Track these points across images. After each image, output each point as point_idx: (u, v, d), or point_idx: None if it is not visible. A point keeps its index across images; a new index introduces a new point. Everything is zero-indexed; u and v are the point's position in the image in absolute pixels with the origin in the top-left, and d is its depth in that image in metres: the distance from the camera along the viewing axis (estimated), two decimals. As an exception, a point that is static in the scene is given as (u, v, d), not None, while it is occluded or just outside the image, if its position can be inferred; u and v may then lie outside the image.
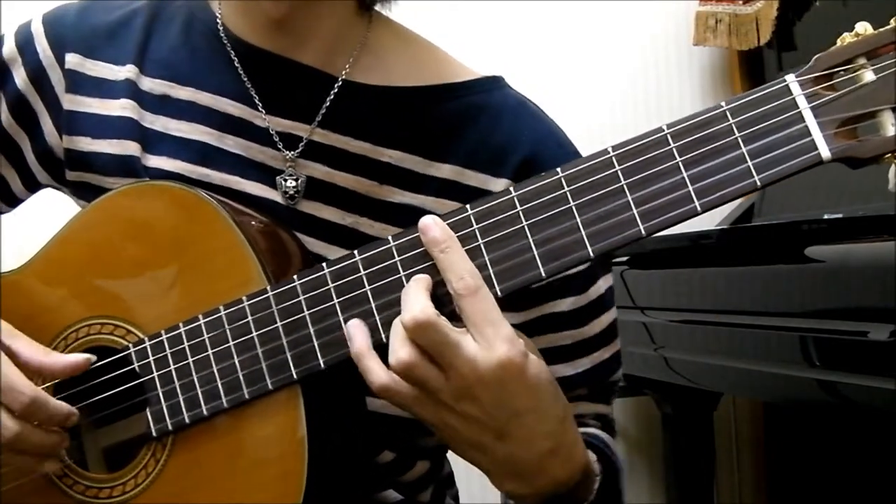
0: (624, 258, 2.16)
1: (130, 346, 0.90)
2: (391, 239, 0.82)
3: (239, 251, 0.87)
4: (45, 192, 1.10)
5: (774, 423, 2.64)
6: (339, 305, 0.83)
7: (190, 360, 0.87)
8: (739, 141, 0.76)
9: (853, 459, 2.27)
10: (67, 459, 0.91)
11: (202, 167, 0.97)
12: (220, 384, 0.86)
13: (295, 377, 0.84)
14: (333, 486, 0.89)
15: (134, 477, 0.90)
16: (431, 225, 0.80)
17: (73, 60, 1.01)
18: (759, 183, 0.75)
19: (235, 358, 0.86)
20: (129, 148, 0.99)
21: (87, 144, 1.00)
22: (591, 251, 0.78)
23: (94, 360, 0.90)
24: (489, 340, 0.76)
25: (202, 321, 0.87)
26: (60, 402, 0.88)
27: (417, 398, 0.79)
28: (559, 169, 0.79)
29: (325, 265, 0.84)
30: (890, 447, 2.06)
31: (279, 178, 0.96)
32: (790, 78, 0.76)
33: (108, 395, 0.91)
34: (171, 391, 0.88)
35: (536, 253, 0.79)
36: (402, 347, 0.77)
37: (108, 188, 0.96)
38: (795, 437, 2.53)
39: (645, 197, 0.77)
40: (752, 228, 2.13)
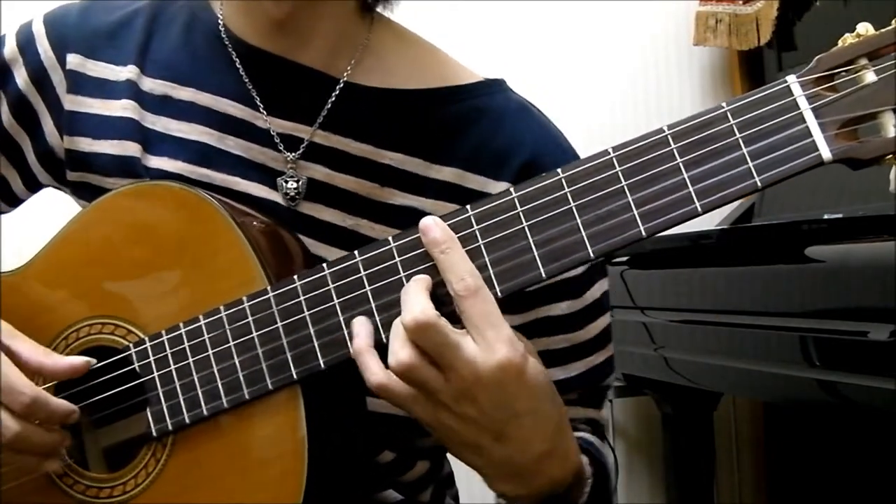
0: (624, 258, 2.16)
1: (131, 346, 0.90)
2: (391, 240, 0.82)
3: (239, 251, 0.87)
4: (45, 191, 1.10)
5: (774, 423, 2.64)
6: (339, 306, 0.83)
7: (190, 360, 0.87)
8: (740, 142, 0.76)
9: (853, 459, 2.26)
10: (68, 459, 0.91)
11: (203, 168, 0.97)
12: (220, 384, 0.86)
13: (295, 377, 0.84)
14: (333, 486, 0.89)
15: (134, 477, 0.90)
16: (432, 225, 0.80)
17: (74, 61, 1.01)
18: (759, 184, 0.75)
19: (236, 358, 0.85)
20: (129, 149, 0.99)
21: (87, 145, 1.00)
22: (591, 252, 0.78)
23: (93, 362, 0.90)
24: (489, 342, 0.76)
25: (203, 321, 0.87)
26: (61, 400, 0.88)
27: (415, 398, 0.78)
28: (560, 170, 0.79)
29: (325, 265, 0.84)
30: (890, 447, 2.06)
31: (280, 179, 0.96)
32: (791, 79, 0.76)
33: (108, 394, 0.91)
34: (171, 391, 0.88)
35: (537, 254, 0.79)
36: (402, 348, 0.77)
37: (108, 188, 0.96)
38: (795, 437, 2.53)
39: (646, 198, 0.77)
40: (752, 228, 2.12)
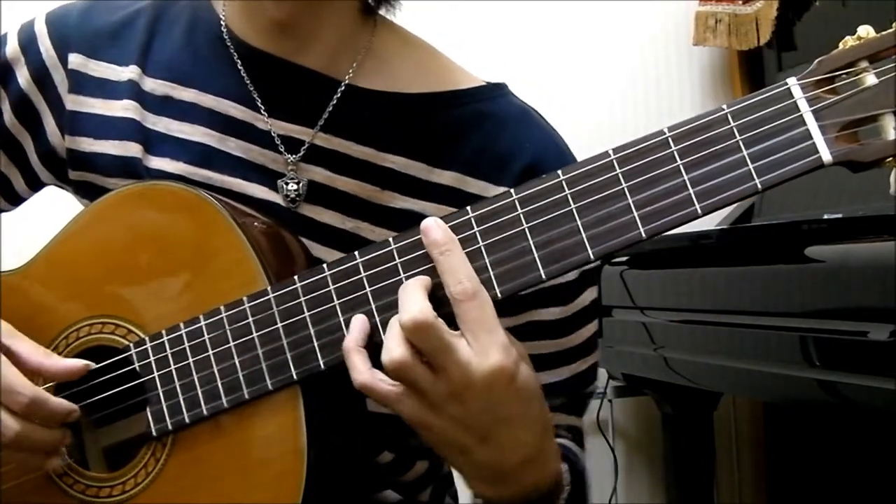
0: (624, 258, 2.16)
1: (131, 345, 0.90)
2: (392, 241, 0.82)
3: (240, 252, 0.87)
4: (45, 191, 1.10)
5: (774, 423, 2.63)
6: (339, 307, 0.83)
7: (190, 360, 0.87)
8: (741, 144, 0.76)
9: (853, 459, 2.26)
10: (68, 458, 0.92)
11: (204, 169, 0.97)
12: (220, 384, 0.86)
13: (295, 378, 0.84)
14: (333, 486, 0.89)
15: (134, 476, 0.90)
16: (433, 227, 0.80)
17: (76, 61, 1.01)
18: (760, 186, 0.75)
19: (236, 358, 0.86)
20: (130, 149, 0.99)
21: (89, 145, 1.00)
22: (591, 253, 0.78)
23: (92, 366, 0.90)
24: (484, 346, 0.76)
25: (203, 322, 0.87)
26: (60, 399, 0.88)
27: (400, 398, 0.78)
28: (560, 171, 0.79)
29: (325, 266, 0.84)
30: (890, 447, 2.06)
31: (280, 181, 0.96)
32: (791, 81, 0.76)
33: (108, 394, 0.91)
34: (171, 391, 0.88)
35: (537, 255, 0.79)
36: (396, 346, 0.77)
37: (109, 188, 0.96)
38: (795, 437, 2.53)
39: (645, 200, 0.77)
40: (752, 228, 2.12)
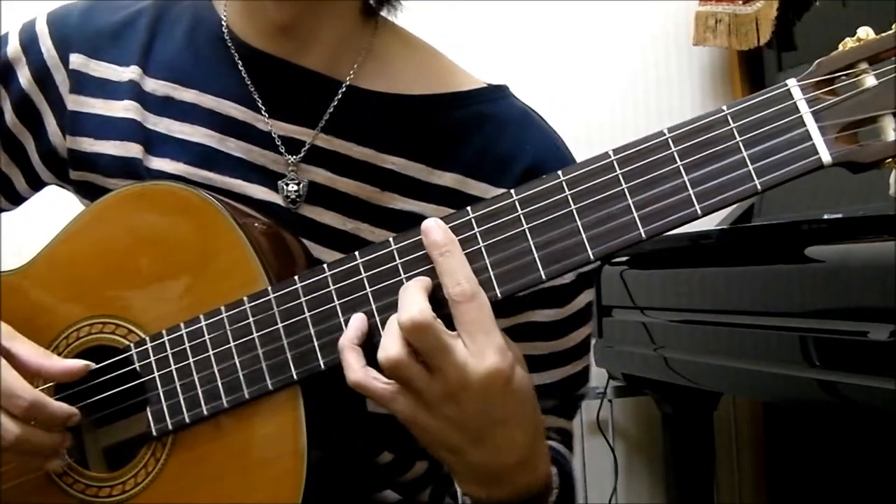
0: (624, 258, 2.16)
1: (132, 345, 0.90)
2: (392, 241, 0.82)
3: (241, 252, 0.87)
4: (45, 191, 1.10)
5: (774, 423, 2.64)
6: (339, 307, 0.83)
7: (191, 360, 0.87)
8: (740, 145, 0.76)
9: (853, 459, 2.26)
10: (68, 458, 0.92)
11: (204, 170, 0.97)
12: (220, 384, 0.86)
13: (295, 378, 0.84)
14: (333, 486, 0.89)
15: (134, 476, 0.90)
16: (434, 227, 0.80)
17: (77, 61, 1.01)
18: (759, 187, 0.75)
19: (236, 358, 0.86)
20: (131, 150, 0.99)
21: (90, 145, 1.00)
22: (591, 254, 0.78)
23: (92, 366, 0.90)
24: (480, 348, 0.76)
25: (203, 322, 0.87)
26: (61, 403, 0.88)
27: (393, 397, 0.78)
28: (560, 172, 0.79)
29: (326, 266, 0.84)
30: (890, 447, 2.06)
31: (281, 182, 0.96)
32: (791, 82, 0.76)
33: (108, 394, 0.91)
34: (171, 391, 0.88)
35: (537, 256, 0.79)
36: (393, 344, 0.77)
37: (110, 189, 0.96)
38: (795, 437, 2.53)
39: (645, 200, 0.77)
40: (752, 228, 2.13)
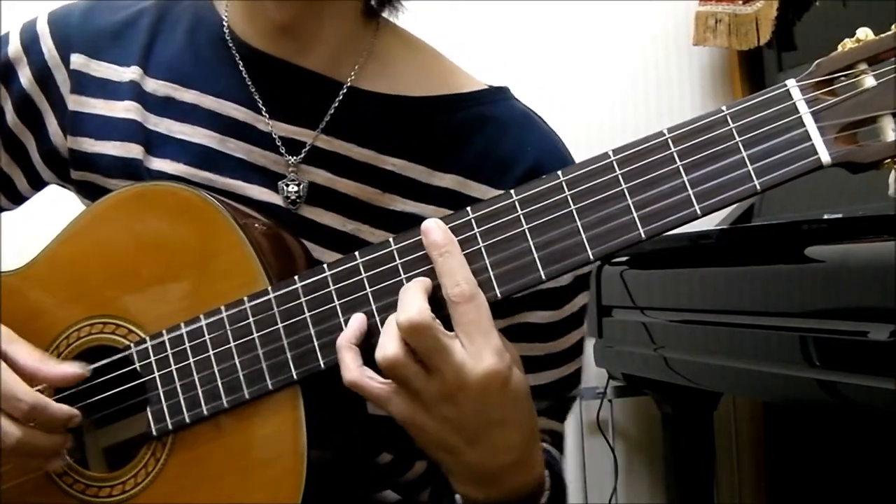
0: (624, 258, 2.16)
1: (132, 345, 0.90)
2: (392, 241, 0.82)
3: (241, 252, 0.87)
4: (46, 191, 1.10)
5: (774, 423, 2.64)
6: (340, 307, 0.83)
7: (191, 360, 0.87)
8: (740, 145, 0.76)
9: (853, 459, 2.26)
10: (68, 458, 0.92)
11: (205, 171, 0.97)
12: (220, 384, 0.86)
13: (295, 378, 0.84)
14: (333, 486, 0.89)
15: (134, 476, 0.90)
16: (434, 228, 0.80)
17: (78, 61, 1.01)
18: (759, 187, 0.75)
19: (236, 358, 0.86)
20: (132, 150, 0.99)
21: (90, 146, 1.00)
22: (591, 254, 0.78)
23: (89, 371, 0.90)
24: (478, 349, 0.76)
25: (204, 322, 0.87)
26: (61, 405, 0.88)
27: (389, 397, 0.79)
28: (560, 172, 0.79)
29: (326, 266, 0.84)
30: (890, 447, 2.06)
31: (281, 183, 0.96)
32: (791, 83, 0.76)
33: (109, 394, 0.91)
34: (171, 391, 0.88)
35: (537, 256, 0.79)
36: (391, 343, 0.77)
37: (111, 189, 0.96)
38: (795, 437, 2.53)
39: (645, 200, 0.77)
40: (752, 228, 2.13)
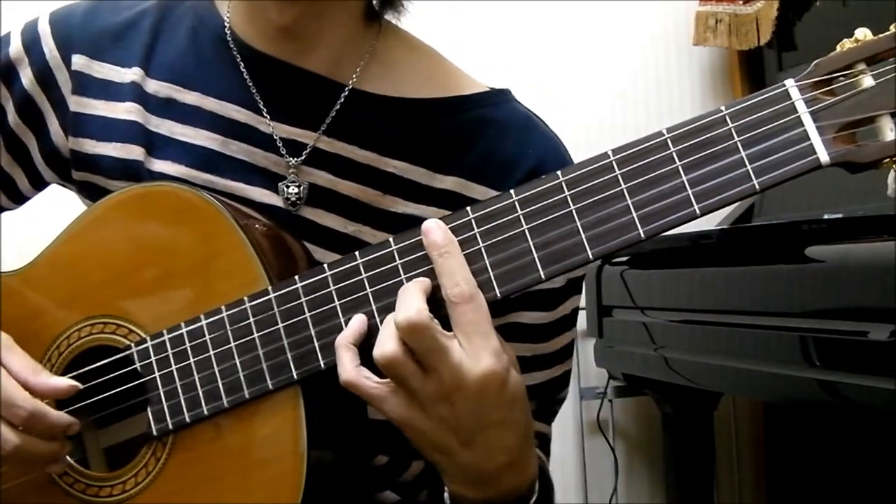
0: (624, 258, 2.16)
1: (132, 345, 0.90)
2: (392, 241, 0.82)
3: (242, 252, 0.87)
4: (47, 191, 1.10)
5: (774, 423, 2.64)
6: (340, 307, 0.83)
7: (191, 360, 0.87)
8: (739, 145, 0.76)
9: (853, 459, 2.27)
10: (69, 459, 0.92)
11: (206, 173, 0.97)
12: (220, 384, 0.86)
13: (295, 378, 0.84)
14: (332, 486, 0.89)
15: (134, 476, 0.90)
16: (434, 228, 0.80)
17: (79, 62, 1.01)
18: (758, 187, 0.75)
19: (237, 358, 0.86)
20: (133, 152, 0.99)
21: (92, 147, 1.00)
22: (590, 254, 0.78)
23: (80, 387, 0.89)
24: (476, 350, 0.77)
25: (204, 322, 0.87)
26: (60, 413, 0.88)
27: (386, 396, 0.79)
28: (559, 172, 0.80)
29: (326, 266, 0.84)
30: (890, 447, 2.06)
31: (281, 184, 0.96)
32: (789, 83, 0.77)
33: (109, 394, 0.91)
34: (172, 391, 0.88)
35: (536, 256, 0.79)
36: (389, 342, 0.77)
37: (112, 190, 0.96)
38: (795, 437, 2.53)
39: (644, 200, 0.77)
40: (752, 228, 2.13)
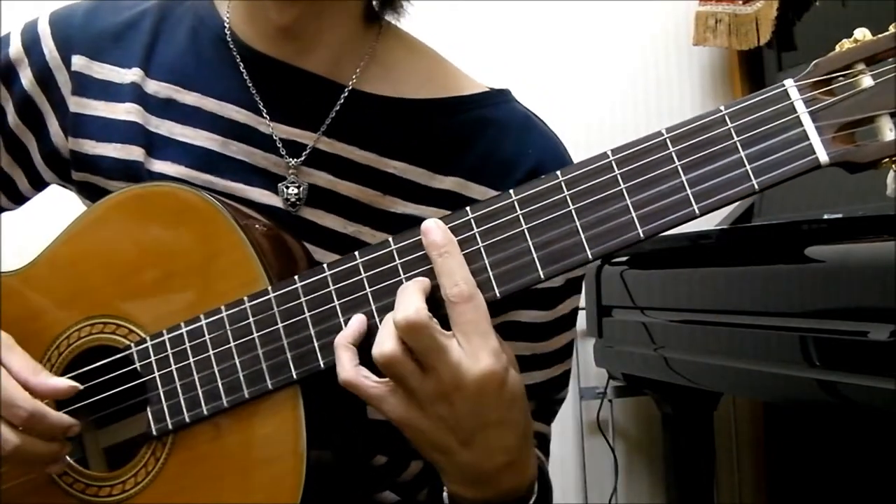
0: (624, 258, 2.16)
1: (132, 345, 0.90)
2: (392, 241, 0.82)
3: (241, 252, 0.87)
4: (47, 191, 1.10)
5: (774, 423, 2.64)
6: (339, 307, 0.83)
7: (191, 360, 0.87)
8: (738, 145, 0.76)
9: (853, 459, 2.27)
10: (68, 459, 0.92)
11: (206, 174, 0.97)
12: (220, 384, 0.86)
13: (295, 378, 0.84)
14: (332, 486, 0.89)
15: (134, 475, 0.90)
16: (433, 228, 0.80)
17: (79, 63, 1.01)
18: (757, 187, 0.75)
19: (236, 358, 0.86)
20: (133, 153, 0.99)
21: (91, 147, 1.00)
22: (590, 254, 0.78)
23: (80, 388, 0.89)
24: (475, 349, 0.77)
25: (204, 321, 0.87)
26: (60, 413, 0.88)
27: (384, 395, 0.79)
28: (559, 172, 0.80)
29: (326, 266, 0.84)
30: (890, 447, 2.06)
31: (281, 185, 0.96)
32: (789, 83, 0.77)
33: (109, 394, 0.91)
34: (171, 391, 0.88)
35: (536, 256, 0.79)
36: (388, 341, 0.77)
37: (112, 191, 0.96)
38: (795, 437, 2.53)
39: (644, 200, 0.77)
40: (752, 228, 2.13)
